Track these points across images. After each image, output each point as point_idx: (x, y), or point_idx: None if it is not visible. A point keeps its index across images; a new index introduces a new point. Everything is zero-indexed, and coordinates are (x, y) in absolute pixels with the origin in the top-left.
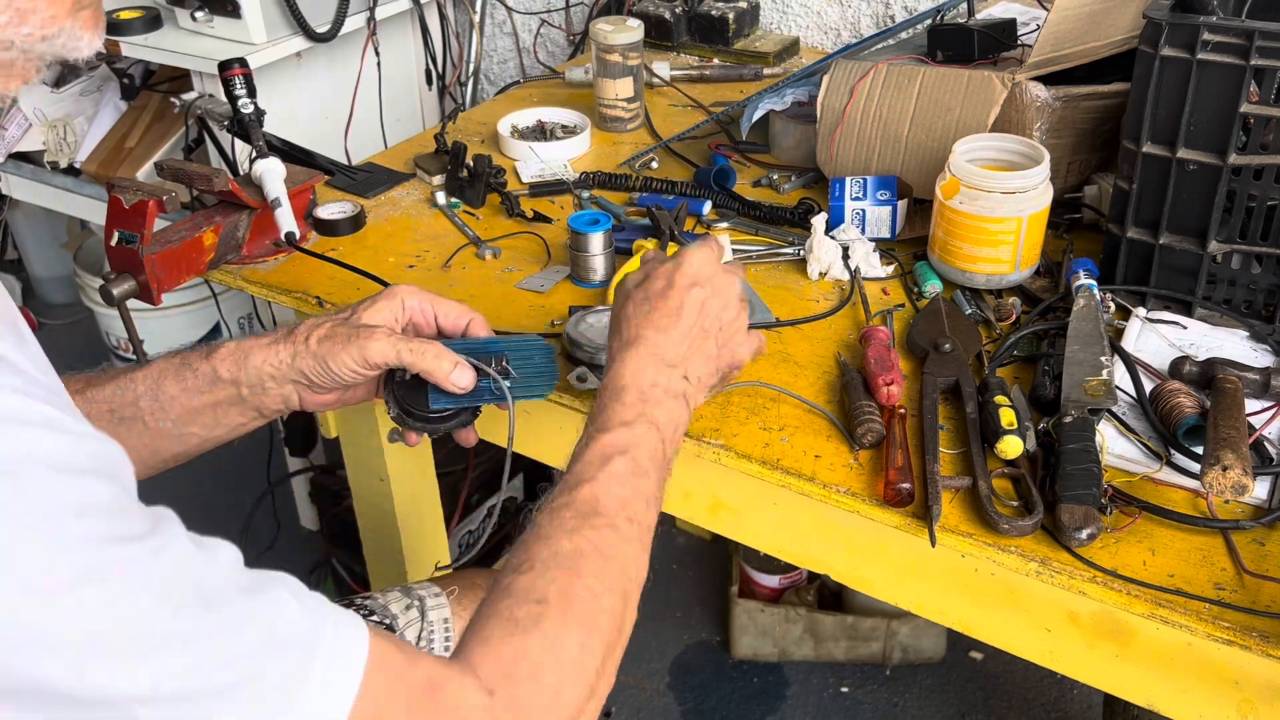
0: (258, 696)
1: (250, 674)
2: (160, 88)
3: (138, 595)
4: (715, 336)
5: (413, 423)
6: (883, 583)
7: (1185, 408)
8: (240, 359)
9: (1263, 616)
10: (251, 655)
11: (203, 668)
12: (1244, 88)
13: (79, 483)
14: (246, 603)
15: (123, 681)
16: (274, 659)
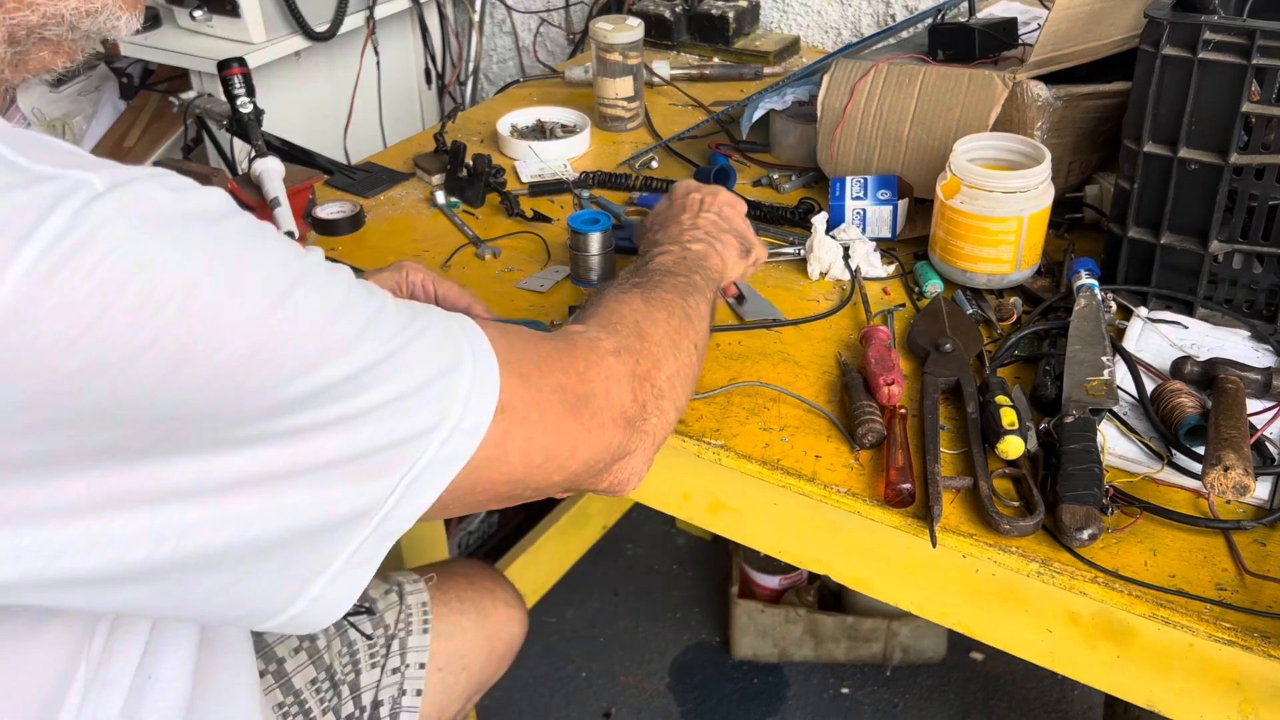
0: (433, 348)
1: (421, 331)
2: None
3: (334, 290)
4: (716, 214)
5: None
6: (883, 583)
7: (1187, 408)
8: None
9: (1264, 617)
10: (416, 320)
11: (394, 335)
12: (1245, 87)
13: (246, 218)
14: (384, 294)
15: (355, 358)
16: (430, 322)
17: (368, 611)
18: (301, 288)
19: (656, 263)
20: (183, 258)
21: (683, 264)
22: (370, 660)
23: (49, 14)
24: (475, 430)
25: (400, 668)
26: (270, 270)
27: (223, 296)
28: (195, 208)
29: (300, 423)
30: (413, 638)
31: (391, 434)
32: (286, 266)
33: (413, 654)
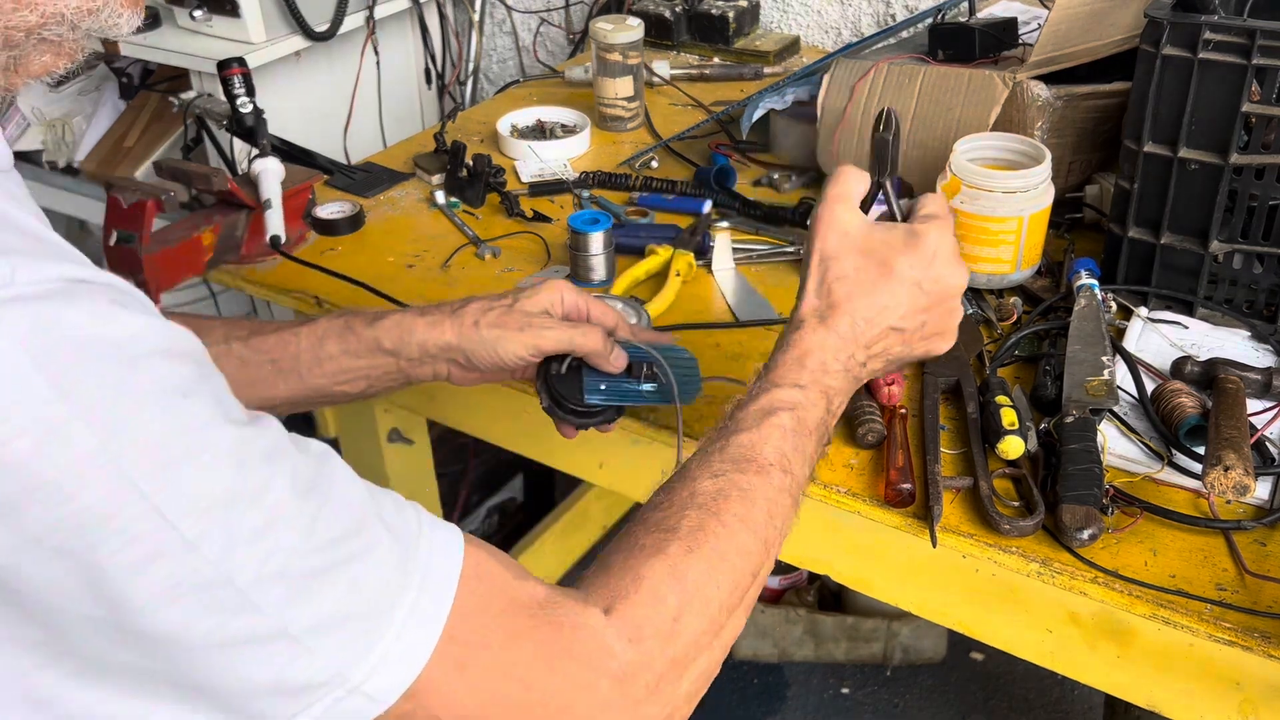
0: (361, 582)
1: (356, 555)
2: (159, 87)
3: (247, 473)
4: (915, 332)
5: (561, 414)
6: (883, 583)
7: (1187, 408)
8: (405, 333)
9: (1264, 617)
10: (357, 538)
11: (311, 548)
12: (1245, 87)
13: (184, 367)
14: (349, 491)
15: (238, 558)
16: (378, 547)
17: None
18: (202, 461)
19: (773, 424)
20: (58, 393)
21: (805, 429)
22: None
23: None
24: (378, 698)
25: None
26: (169, 433)
27: (91, 445)
28: (114, 337)
29: (150, 625)
30: None
31: (276, 676)
32: (192, 436)
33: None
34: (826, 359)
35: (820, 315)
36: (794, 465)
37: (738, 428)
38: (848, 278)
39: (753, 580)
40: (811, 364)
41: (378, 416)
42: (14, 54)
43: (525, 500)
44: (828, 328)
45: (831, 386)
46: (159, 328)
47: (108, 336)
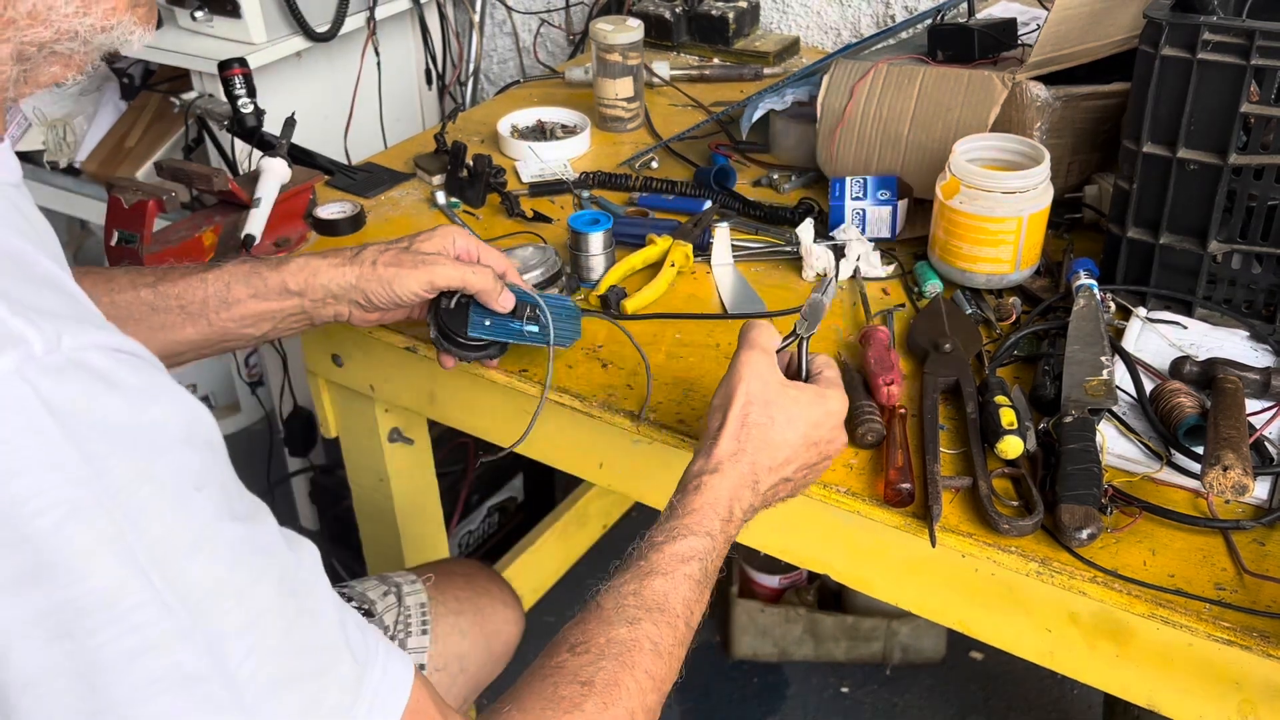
0: (320, 696)
1: (320, 669)
2: (160, 87)
3: (241, 574)
4: (799, 481)
5: (448, 345)
6: (883, 583)
7: (1186, 408)
8: (309, 274)
9: (1263, 616)
10: (323, 652)
11: (283, 654)
12: (1244, 87)
13: (198, 455)
14: (321, 605)
15: (217, 651)
16: (339, 664)
17: (366, 614)
18: (202, 558)
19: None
20: (87, 474)
21: (709, 579)
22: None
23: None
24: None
25: None
26: (180, 526)
27: (110, 531)
28: (144, 423)
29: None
30: (411, 639)
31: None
32: (198, 531)
33: (411, 655)
34: (735, 508)
35: (735, 460)
36: (695, 618)
37: (653, 570)
38: (762, 425)
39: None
40: (722, 512)
41: (378, 416)
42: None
43: (525, 500)
44: (740, 475)
45: (732, 535)
46: (182, 411)
47: (139, 423)
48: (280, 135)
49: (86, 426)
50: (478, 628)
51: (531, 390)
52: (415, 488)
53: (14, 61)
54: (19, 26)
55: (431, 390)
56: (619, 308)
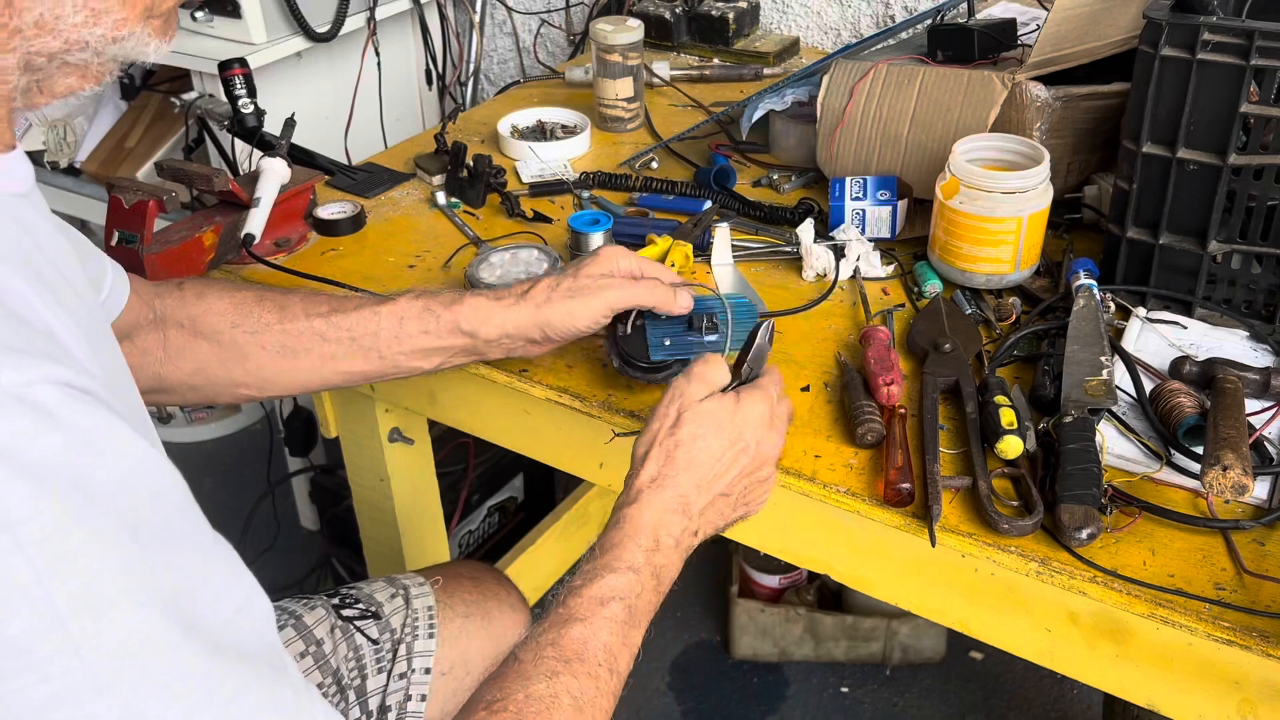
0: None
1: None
2: (160, 88)
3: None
4: (740, 496)
5: (632, 372)
6: (883, 583)
7: (1185, 408)
8: (483, 317)
9: (1263, 616)
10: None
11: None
12: (1244, 88)
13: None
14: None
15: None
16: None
17: (374, 616)
18: (125, 608)
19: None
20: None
21: (636, 618)
22: (376, 665)
23: (72, 40)
24: None
25: (406, 673)
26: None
27: (27, 576)
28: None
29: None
30: (418, 642)
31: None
32: (123, 582)
33: (418, 659)
34: (660, 535)
35: (657, 487)
36: (620, 663)
37: (571, 617)
38: (684, 444)
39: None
40: (646, 543)
41: (378, 416)
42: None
43: (525, 500)
44: (663, 501)
45: (663, 565)
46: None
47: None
48: (280, 135)
49: (19, 468)
50: (485, 631)
51: (534, 391)
52: (415, 488)
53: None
54: (25, 36)
55: (431, 390)
56: None
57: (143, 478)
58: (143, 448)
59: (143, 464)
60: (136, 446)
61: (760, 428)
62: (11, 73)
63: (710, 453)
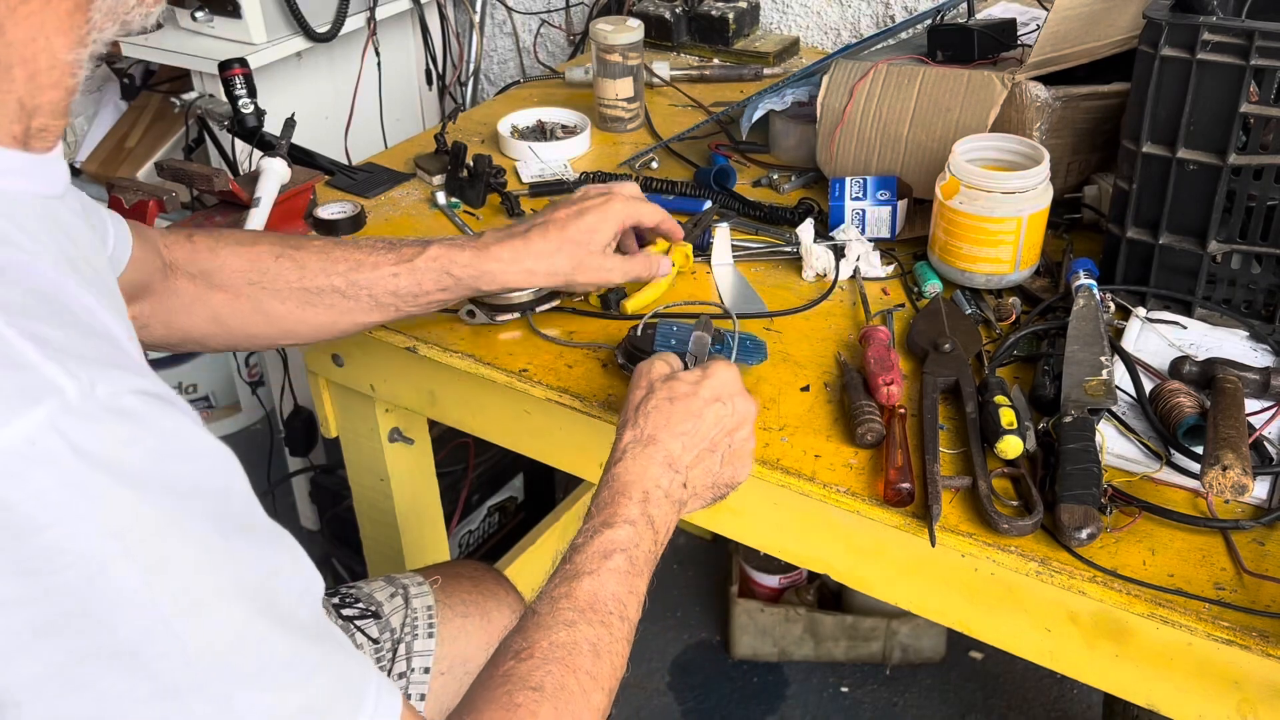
0: None
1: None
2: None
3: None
4: (723, 454)
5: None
6: (882, 582)
7: (1185, 408)
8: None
9: (1262, 616)
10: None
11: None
12: (1244, 88)
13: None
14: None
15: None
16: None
17: (374, 615)
18: (227, 601)
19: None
20: (113, 528)
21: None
22: (376, 664)
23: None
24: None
25: (406, 672)
26: (204, 576)
27: (134, 581)
28: (171, 471)
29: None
30: (418, 641)
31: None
32: (224, 578)
33: (417, 658)
34: (649, 488)
35: (639, 444)
36: (629, 610)
37: (579, 571)
38: (660, 407)
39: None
40: (637, 495)
41: (378, 416)
42: None
43: (525, 500)
44: (648, 456)
45: (656, 517)
46: (209, 455)
47: (169, 471)
48: (280, 135)
49: (116, 476)
50: (484, 630)
51: (534, 391)
52: (415, 488)
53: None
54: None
55: (431, 390)
56: (619, 308)
57: (217, 474)
58: (212, 443)
59: (215, 460)
60: (207, 444)
61: (733, 386)
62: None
63: (688, 409)
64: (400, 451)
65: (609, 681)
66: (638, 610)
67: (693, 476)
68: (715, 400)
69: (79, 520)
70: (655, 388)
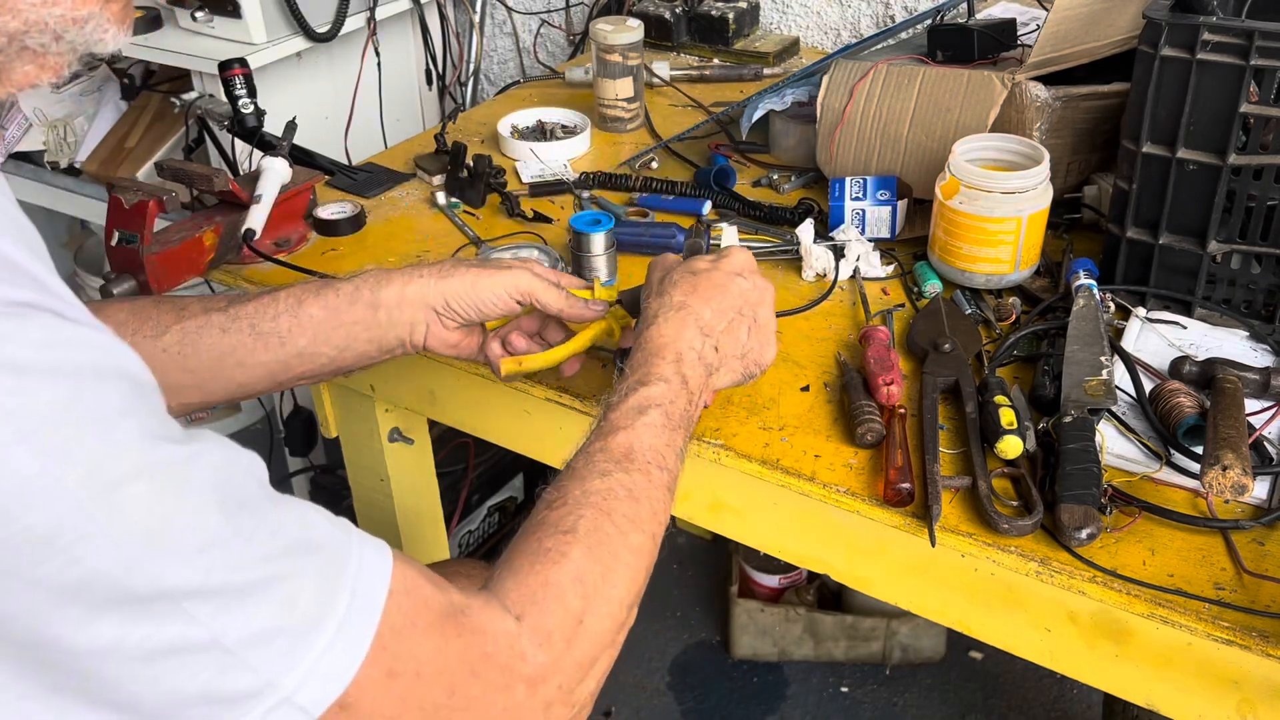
0: (294, 596)
1: (289, 572)
2: (160, 88)
3: (184, 492)
4: (749, 325)
5: None
6: (882, 582)
7: (1185, 408)
8: (383, 281)
9: (1262, 616)
10: (289, 555)
11: (245, 564)
12: (1244, 88)
13: (122, 385)
14: (282, 510)
15: (173, 575)
16: (310, 563)
17: None
18: (142, 482)
19: (646, 424)
20: (2, 414)
21: (674, 423)
22: None
23: (31, 20)
24: (309, 709)
25: None
26: (108, 455)
27: (33, 467)
28: (61, 359)
29: (86, 641)
30: None
31: (207, 686)
32: (132, 457)
33: None
34: (681, 349)
35: (667, 310)
36: (667, 460)
37: (614, 427)
38: (686, 280)
39: (646, 575)
40: (670, 355)
41: (378, 416)
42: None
43: (525, 500)
44: (680, 319)
45: (690, 377)
46: (100, 347)
47: (57, 358)
48: (282, 136)
49: (1, 366)
50: None
51: (534, 391)
52: (415, 488)
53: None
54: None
55: (431, 390)
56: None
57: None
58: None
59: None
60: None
61: (751, 264)
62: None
63: (712, 281)
64: (400, 451)
65: (649, 525)
66: (677, 462)
67: (723, 342)
68: (737, 274)
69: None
70: (674, 268)
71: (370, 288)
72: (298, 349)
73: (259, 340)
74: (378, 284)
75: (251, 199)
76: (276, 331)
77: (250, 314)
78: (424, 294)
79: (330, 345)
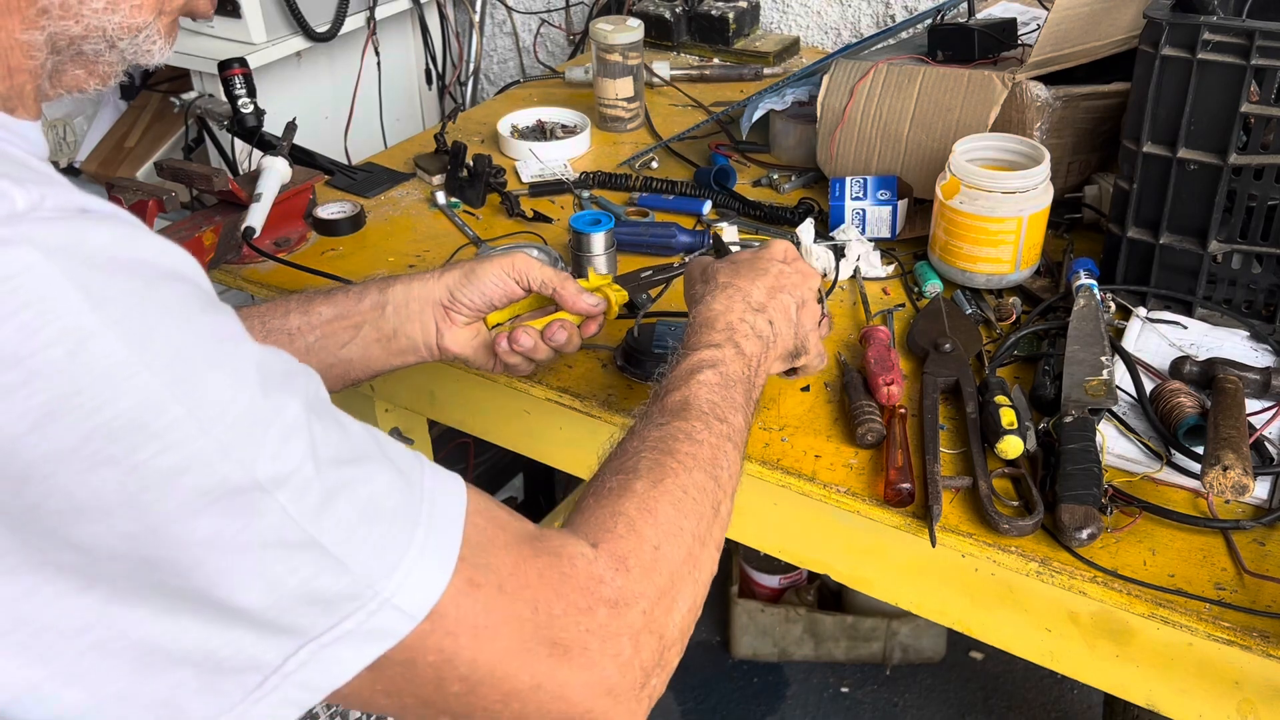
0: (380, 500)
1: (371, 475)
2: (160, 87)
3: (264, 387)
4: (798, 304)
5: (634, 371)
6: (883, 583)
7: (1186, 408)
8: (389, 281)
9: (1263, 616)
10: (370, 460)
11: (331, 463)
12: (1244, 87)
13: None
14: (350, 420)
15: (264, 466)
16: (391, 468)
17: None
18: (224, 372)
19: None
20: (89, 304)
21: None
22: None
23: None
24: (409, 612)
25: None
26: (195, 344)
27: (121, 353)
28: (136, 257)
29: (184, 533)
30: None
31: (307, 585)
32: (209, 347)
33: None
34: (732, 320)
35: (720, 289)
36: (726, 414)
37: (667, 390)
38: (727, 268)
39: (715, 515)
40: (720, 325)
41: (378, 416)
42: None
43: (525, 500)
44: (729, 296)
45: (742, 344)
46: (165, 250)
47: (130, 256)
48: (282, 137)
49: (80, 261)
50: None
51: (534, 391)
52: None
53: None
54: (51, 16)
55: (431, 390)
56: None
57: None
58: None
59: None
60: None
61: (792, 252)
62: (39, 49)
63: (756, 267)
64: None
65: (712, 468)
66: (739, 416)
67: (776, 316)
68: (780, 261)
69: (51, 299)
70: (712, 261)
71: (378, 287)
72: (305, 345)
73: (268, 338)
74: (385, 284)
75: (251, 198)
76: (285, 329)
77: (261, 313)
78: (429, 290)
79: (337, 343)
